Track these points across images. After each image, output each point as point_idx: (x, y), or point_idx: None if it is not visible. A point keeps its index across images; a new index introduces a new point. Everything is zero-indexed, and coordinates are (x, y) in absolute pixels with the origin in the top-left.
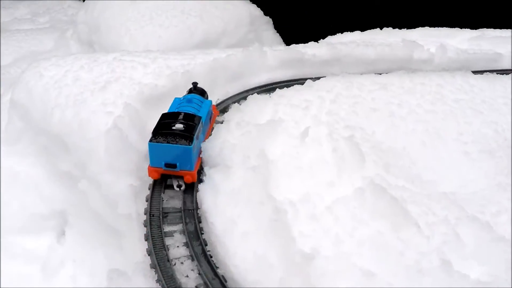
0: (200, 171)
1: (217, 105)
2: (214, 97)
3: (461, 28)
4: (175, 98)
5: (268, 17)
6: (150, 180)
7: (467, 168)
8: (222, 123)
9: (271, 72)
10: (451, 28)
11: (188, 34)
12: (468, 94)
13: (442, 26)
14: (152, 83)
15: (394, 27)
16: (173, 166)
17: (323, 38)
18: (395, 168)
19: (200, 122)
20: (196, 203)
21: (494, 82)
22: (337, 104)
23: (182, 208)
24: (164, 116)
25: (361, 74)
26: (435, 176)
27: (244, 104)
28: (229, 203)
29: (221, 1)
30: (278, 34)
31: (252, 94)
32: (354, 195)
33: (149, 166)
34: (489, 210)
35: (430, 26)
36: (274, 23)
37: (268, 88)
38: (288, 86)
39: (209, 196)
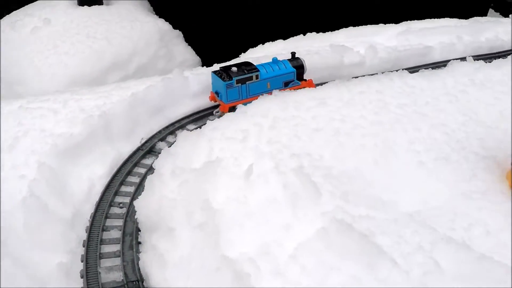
0: (234, 107)
1: (143, 144)
2: (138, 137)
3: (385, 23)
4: (274, 58)
5: (178, 30)
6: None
7: (425, 180)
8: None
9: (196, 98)
10: (376, 25)
11: (96, 59)
12: (410, 96)
13: (365, 23)
14: (66, 132)
15: (317, 31)
16: (217, 94)
17: (244, 52)
18: (353, 195)
19: (254, 74)
20: (139, 272)
21: (432, 79)
22: (277, 129)
23: (125, 281)
24: (240, 63)
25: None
26: (395, 194)
27: (175, 146)
28: (180, 275)
29: (127, 20)
30: (190, 47)
31: (181, 130)
32: (317, 237)
33: (211, 91)
34: (460, 225)
35: (353, 26)
36: (184, 36)
37: (198, 117)
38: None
39: (156, 269)
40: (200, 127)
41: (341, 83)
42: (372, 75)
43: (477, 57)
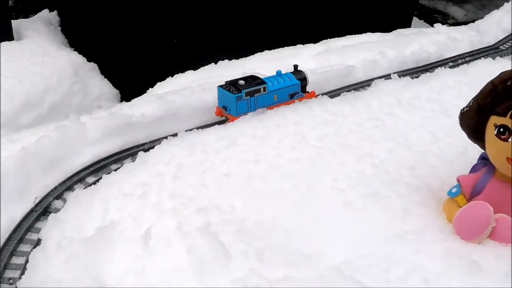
0: None
1: (37, 204)
2: (31, 196)
3: (303, 44)
4: (278, 71)
5: (93, 63)
6: None
7: (353, 223)
8: None
9: (96, 146)
10: (294, 46)
11: (7, 99)
12: (331, 126)
13: (282, 45)
14: None
15: (230, 59)
16: (225, 108)
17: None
18: (270, 252)
19: (261, 87)
20: None
21: (355, 102)
22: (181, 179)
23: None
24: (246, 76)
25: (203, 128)
26: (320, 244)
27: (64, 210)
28: None
29: (38, 55)
30: (106, 80)
31: (79, 183)
32: None
33: (217, 106)
34: (395, 274)
35: (269, 49)
36: (100, 69)
37: (97, 168)
38: (118, 160)
39: None
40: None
41: (254, 116)
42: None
43: (403, 73)
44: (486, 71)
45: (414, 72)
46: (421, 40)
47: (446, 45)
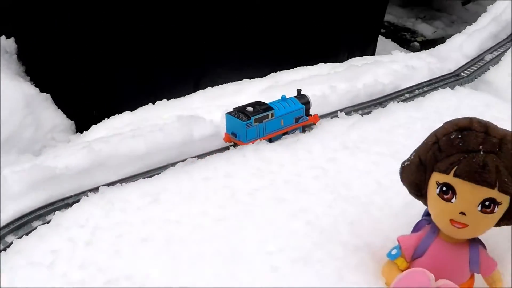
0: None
1: None
2: None
3: (250, 78)
4: (282, 96)
5: (46, 93)
6: None
7: None
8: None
9: (18, 200)
10: (239, 82)
11: None
12: (265, 177)
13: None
14: None
15: (168, 98)
16: (235, 135)
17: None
18: None
19: (269, 112)
20: None
21: (296, 147)
22: (94, 245)
23: None
24: (253, 102)
25: (130, 180)
26: None
27: None
28: None
29: None
30: (60, 111)
31: None
32: None
33: (225, 132)
34: None
35: (212, 86)
36: (54, 99)
37: (17, 226)
38: (41, 216)
39: None
40: (22, 236)
41: (182, 168)
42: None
43: (354, 108)
44: (443, 103)
45: (367, 106)
46: (376, 71)
47: (403, 75)
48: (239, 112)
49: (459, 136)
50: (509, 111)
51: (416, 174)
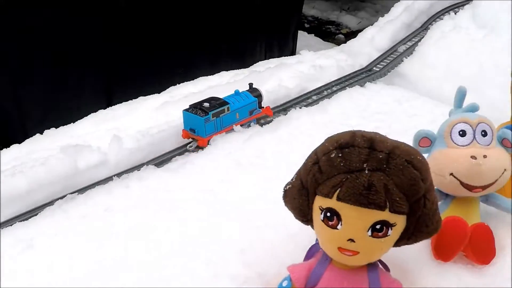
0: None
1: None
2: None
3: (145, 95)
4: (236, 90)
5: None
6: None
7: None
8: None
9: None
10: (131, 101)
11: None
12: (148, 208)
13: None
14: None
15: (57, 126)
16: (193, 131)
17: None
18: None
19: (225, 107)
20: None
21: (183, 172)
22: None
23: None
24: (208, 98)
25: (5, 225)
26: None
27: None
28: None
29: None
30: None
31: None
32: None
33: (183, 129)
34: None
35: (104, 107)
36: None
37: None
38: None
39: None
40: None
41: (60, 207)
42: (118, 175)
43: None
44: (350, 103)
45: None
46: (280, 74)
47: (310, 76)
48: (196, 109)
49: (340, 155)
50: (422, 104)
51: (298, 199)
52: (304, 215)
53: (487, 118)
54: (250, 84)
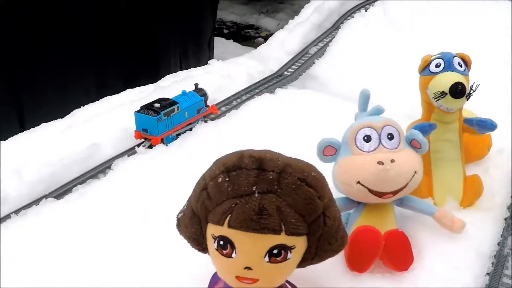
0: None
1: None
2: None
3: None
4: (183, 91)
5: None
6: None
7: None
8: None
9: None
10: (35, 128)
11: None
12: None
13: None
14: None
15: None
16: (146, 131)
17: None
18: None
19: (175, 106)
20: None
21: (81, 202)
22: None
23: None
24: (157, 99)
25: None
26: None
27: None
28: None
29: None
30: None
31: None
32: None
33: (135, 130)
34: None
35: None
36: None
37: None
38: None
39: None
40: None
41: None
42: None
43: None
44: (259, 113)
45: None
46: (187, 88)
47: (218, 87)
48: (148, 109)
49: (227, 179)
50: (335, 106)
51: (191, 228)
52: (199, 244)
53: (393, 120)
54: (196, 85)
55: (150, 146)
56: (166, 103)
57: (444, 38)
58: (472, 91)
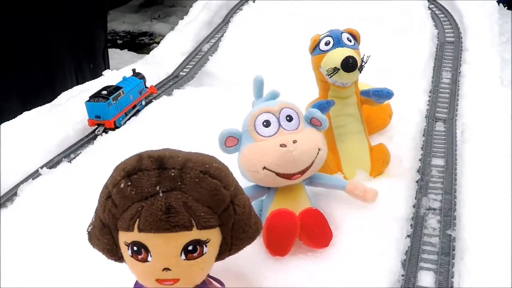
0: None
1: None
2: None
3: None
4: (123, 77)
5: None
6: None
7: None
8: None
9: None
10: None
11: None
12: None
13: None
14: None
15: None
16: (98, 117)
17: None
18: None
19: (120, 91)
20: None
21: None
22: None
23: None
24: (102, 88)
25: None
26: None
27: None
28: None
29: None
30: None
31: None
32: None
33: (88, 119)
34: None
35: None
36: None
37: None
38: None
39: None
40: None
41: None
42: None
43: (60, 156)
44: (158, 117)
45: (75, 150)
46: (83, 102)
47: None
48: (97, 97)
49: (129, 183)
50: (234, 100)
51: (102, 239)
52: (114, 254)
53: (290, 102)
54: (133, 70)
55: (105, 130)
56: (111, 89)
57: (332, 18)
58: (364, 63)
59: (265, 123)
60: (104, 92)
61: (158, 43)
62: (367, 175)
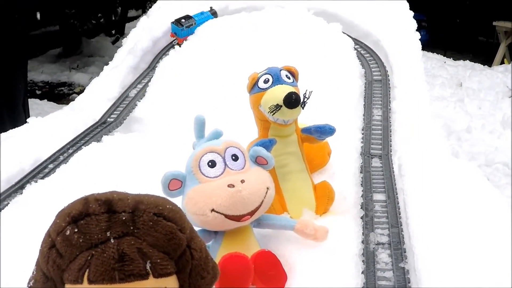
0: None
1: None
2: None
3: None
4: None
5: None
6: None
7: None
8: None
9: None
10: None
11: None
12: None
13: None
14: None
15: None
16: (175, 34)
17: None
18: None
19: (194, 21)
20: None
21: None
22: None
23: None
24: (184, 16)
25: None
26: None
27: None
28: None
29: None
30: None
31: None
32: None
33: (170, 32)
34: None
35: None
36: None
37: None
38: None
39: None
40: None
41: None
42: None
43: None
44: (88, 164)
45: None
46: (10, 151)
47: (40, 144)
48: (178, 22)
49: (76, 230)
50: (165, 145)
51: None
52: None
53: (234, 141)
54: (211, 7)
55: (178, 44)
56: (188, 19)
57: (261, 58)
58: (306, 98)
59: (210, 164)
60: (183, 20)
61: (77, 93)
62: (313, 214)
